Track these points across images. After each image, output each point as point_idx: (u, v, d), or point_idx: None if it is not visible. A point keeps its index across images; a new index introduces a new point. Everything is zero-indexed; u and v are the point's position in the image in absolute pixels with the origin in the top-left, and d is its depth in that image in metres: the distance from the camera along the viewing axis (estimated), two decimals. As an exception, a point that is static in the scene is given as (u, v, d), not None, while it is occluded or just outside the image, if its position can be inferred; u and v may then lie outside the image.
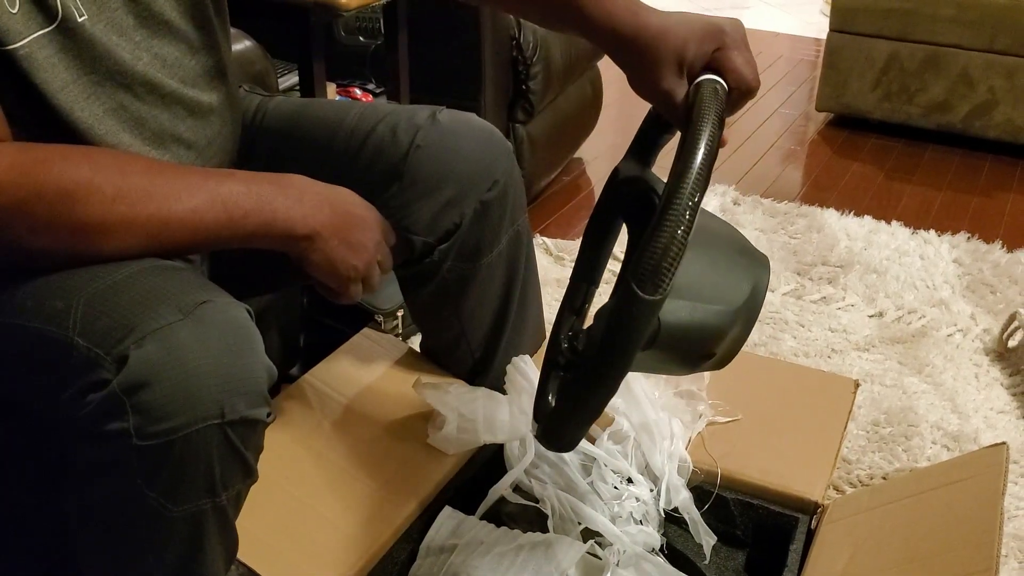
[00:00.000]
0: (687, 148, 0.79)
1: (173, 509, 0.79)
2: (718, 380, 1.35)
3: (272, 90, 1.66)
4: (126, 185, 0.81)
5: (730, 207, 2.39)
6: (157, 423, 0.74)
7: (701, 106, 0.83)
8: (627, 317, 0.78)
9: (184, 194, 0.84)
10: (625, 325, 0.78)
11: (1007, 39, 2.62)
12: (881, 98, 2.82)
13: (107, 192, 0.80)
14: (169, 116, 0.95)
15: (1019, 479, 1.49)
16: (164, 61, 0.94)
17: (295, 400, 1.26)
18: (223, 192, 0.86)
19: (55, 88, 0.85)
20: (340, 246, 0.94)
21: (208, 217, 0.85)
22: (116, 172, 0.82)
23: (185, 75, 0.97)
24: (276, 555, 1.05)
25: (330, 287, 0.98)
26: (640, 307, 0.77)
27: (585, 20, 0.93)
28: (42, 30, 0.83)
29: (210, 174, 0.89)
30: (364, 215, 0.98)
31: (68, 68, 0.86)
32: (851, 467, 1.51)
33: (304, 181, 0.93)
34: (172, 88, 0.95)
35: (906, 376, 1.74)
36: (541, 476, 1.18)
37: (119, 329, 0.75)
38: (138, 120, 0.92)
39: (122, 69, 0.90)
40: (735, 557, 1.22)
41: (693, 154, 0.77)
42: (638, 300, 0.76)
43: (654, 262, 0.75)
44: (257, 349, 0.81)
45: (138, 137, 0.92)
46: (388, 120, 1.14)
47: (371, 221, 0.99)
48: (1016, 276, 2.07)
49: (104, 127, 0.89)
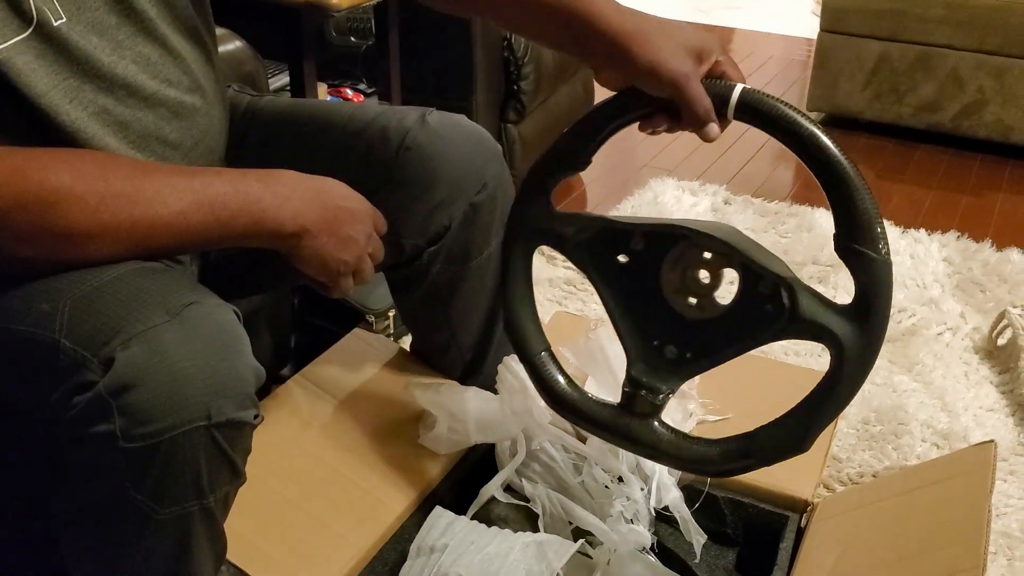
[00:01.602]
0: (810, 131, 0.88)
1: (160, 511, 0.79)
2: (708, 379, 1.35)
3: (262, 90, 1.65)
4: (109, 191, 0.81)
5: (721, 206, 2.39)
6: (143, 425, 0.74)
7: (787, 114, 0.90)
8: (885, 288, 0.85)
9: (170, 198, 0.83)
10: (882, 292, 0.85)
11: (996, 39, 2.63)
12: (871, 98, 2.83)
13: (89, 201, 0.79)
14: (153, 118, 0.94)
15: (1007, 477, 1.50)
16: (147, 61, 0.93)
17: (285, 400, 1.26)
18: (210, 194, 0.86)
19: (37, 93, 0.84)
20: (330, 241, 0.94)
21: (195, 220, 0.85)
22: (98, 178, 0.81)
23: (168, 75, 0.96)
24: (266, 556, 1.05)
25: (320, 282, 0.98)
26: (886, 269, 0.85)
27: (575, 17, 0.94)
28: (17, 36, 0.82)
29: (196, 174, 0.88)
30: (354, 207, 0.97)
31: (48, 73, 0.85)
32: (841, 465, 1.51)
33: (292, 177, 0.92)
34: (154, 89, 0.94)
35: (896, 374, 1.75)
36: (532, 476, 1.18)
37: (105, 331, 0.75)
38: (122, 123, 0.92)
39: (101, 72, 0.89)
40: (725, 555, 1.22)
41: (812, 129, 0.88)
42: (882, 262, 0.85)
43: (871, 221, 0.84)
44: (244, 350, 0.80)
45: (123, 140, 0.92)
46: (378, 121, 1.14)
47: (361, 213, 0.98)
48: (1005, 274, 2.08)
49: (90, 130, 0.89)
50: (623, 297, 0.98)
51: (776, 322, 0.91)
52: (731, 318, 0.94)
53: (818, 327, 0.89)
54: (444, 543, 1.09)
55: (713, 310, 0.96)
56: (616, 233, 0.98)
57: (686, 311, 0.97)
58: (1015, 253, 2.17)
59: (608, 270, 0.98)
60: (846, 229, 0.86)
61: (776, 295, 0.90)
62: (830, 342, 0.88)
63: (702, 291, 0.96)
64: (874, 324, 0.87)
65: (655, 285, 0.97)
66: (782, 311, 0.90)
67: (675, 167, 2.66)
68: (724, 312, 0.95)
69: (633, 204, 2.38)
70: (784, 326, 0.90)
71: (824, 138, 0.88)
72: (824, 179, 0.87)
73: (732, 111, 0.92)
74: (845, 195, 0.86)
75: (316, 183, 0.94)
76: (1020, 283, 2.04)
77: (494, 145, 1.20)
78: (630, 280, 0.98)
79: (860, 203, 0.85)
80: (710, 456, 0.96)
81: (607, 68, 0.95)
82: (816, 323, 0.89)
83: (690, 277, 0.97)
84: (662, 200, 2.39)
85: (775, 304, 0.90)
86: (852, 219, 0.86)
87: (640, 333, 0.98)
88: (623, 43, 0.91)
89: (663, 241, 0.96)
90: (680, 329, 0.97)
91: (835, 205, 0.87)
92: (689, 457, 0.98)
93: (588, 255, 0.99)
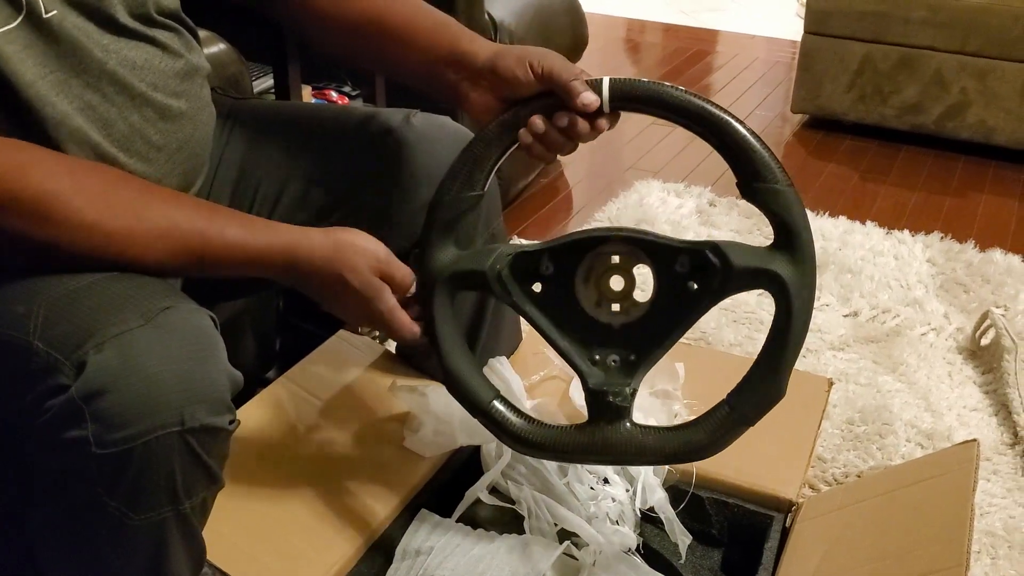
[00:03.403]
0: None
1: (134, 517, 0.78)
2: (693, 379, 1.36)
3: (247, 93, 1.65)
4: (108, 213, 0.81)
5: (706, 208, 2.40)
6: (115, 431, 0.73)
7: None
8: (798, 212, 0.90)
9: (168, 246, 0.84)
10: (798, 216, 0.90)
11: (979, 41, 2.64)
12: (855, 100, 2.84)
13: (85, 217, 0.80)
14: (139, 118, 0.94)
15: (991, 476, 1.51)
16: (133, 64, 0.93)
17: (270, 403, 1.26)
18: (208, 254, 0.86)
19: (25, 82, 0.84)
20: (347, 317, 0.96)
21: (184, 268, 0.86)
22: (99, 195, 0.81)
23: (155, 79, 0.96)
24: (251, 559, 1.04)
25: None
26: (794, 195, 0.91)
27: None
28: (8, 24, 0.82)
29: (212, 216, 0.87)
30: (360, 289, 0.93)
31: (37, 63, 0.85)
32: (826, 466, 1.52)
33: (300, 269, 0.91)
34: (141, 91, 0.94)
35: (880, 375, 1.75)
36: (517, 478, 1.18)
37: (79, 334, 0.75)
38: (107, 121, 0.91)
39: (90, 67, 0.89)
40: (711, 556, 1.23)
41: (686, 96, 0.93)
42: (789, 190, 0.91)
43: (766, 159, 0.91)
44: (219, 356, 0.80)
45: (107, 137, 0.91)
46: (363, 123, 1.14)
47: (370, 293, 0.94)
48: (988, 275, 2.09)
49: (74, 123, 0.88)
50: (550, 322, 0.96)
51: (708, 290, 0.92)
52: (658, 308, 0.95)
53: (752, 271, 0.91)
54: (430, 546, 1.09)
55: (639, 310, 0.95)
56: (527, 260, 0.96)
57: (613, 320, 0.96)
58: (998, 254, 2.18)
59: (530, 298, 0.97)
60: (748, 172, 0.92)
61: (698, 267, 0.92)
62: (769, 281, 0.91)
63: (620, 296, 0.96)
64: (803, 248, 0.91)
65: (575, 303, 0.96)
66: (715, 273, 0.91)
67: (660, 169, 2.66)
68: (649, 308, 0.95)
69: (618, 206, 2.38)
70: (720, 286, 0.92)
71: (698, 100, 0.93)
72: (713, 136, 0.93)
73: (607, 102, 0.94)
74: (737, 142, 0.92)
75: (321, 271, 0.92)
76: (1003, 283, 2.05)
77: None
78: (551, 305, 0.96)
79: (753, 146, 0.92)
80: (697, 439, 0.95)
81: (478, 88, 1.00)
82: (750, 268, 0.91)
83: (604, 287, 0.96)
84: (647, 202, 2.39)
85: (701, 274, 0.92)
86: (749, 162, 0.92)
87: (579, 351, 0.97)
88: (496, 55, 0.99)
89: (569, 258, 0.96)
90: (614, 338, 0.96)
91: (729, 155, 0.92)
92: (676, 448, 0.96)
93: (508, 287, 0.96)
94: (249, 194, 1.14)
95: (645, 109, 0.94)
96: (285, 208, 1.14)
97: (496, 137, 0.97)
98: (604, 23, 3.97)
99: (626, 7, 4.20)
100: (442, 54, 1.03)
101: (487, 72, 0.99)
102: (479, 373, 1.00)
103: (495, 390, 1.00)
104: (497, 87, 0.99)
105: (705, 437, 0.95)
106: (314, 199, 1.13)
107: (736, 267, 0.91)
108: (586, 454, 0.97)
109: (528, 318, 0.97)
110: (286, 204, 1.14)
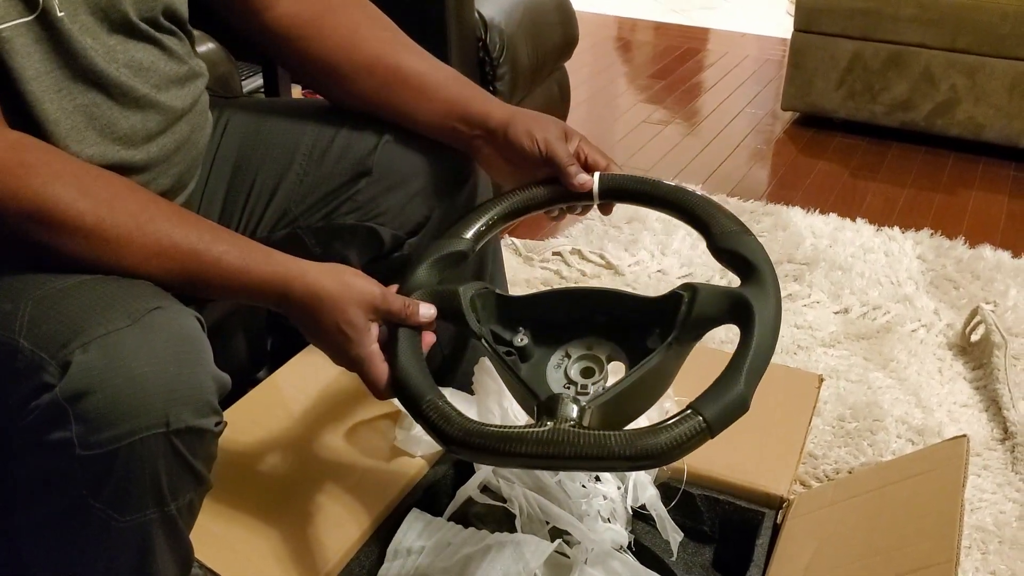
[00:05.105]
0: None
1: (120, 519, 0.78)
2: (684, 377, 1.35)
3: (236, 92, 1.65)
4: (111, 222, 0.81)
5: (697, 206, 2.40)
6: (100, 432, 0.73)
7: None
8: (755, 246, 0.94)
9: (163, 264, 0.83)
10: (758, 251, 0.93)
11: (968, 38, 2.65)
12: (845, 97, 2.85)
13: (85, 223, 0.80)
14: (141, 118, 0.95)
15: (981, 471, 1.51)
16: (139, 66, 0.94)
17: (260, 402, 1.26)
18: (201, 278, 0.86)
19: (28, 76, 0.85)
20: (327, 353, 0.95)
21: (177, 287, 0.85)
22: (103, 203, 0.81)
23: (159, 80, 0.97)
24: (242, 558, 1.04)
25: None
26: (752, 237, 0.96)
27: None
28: (22, 19, 0.83)
29: (215, 239, 0.87)
30: (349, 335, 0.91)
31: (42, 59, 0.86)
32: (817, 462, 1.52)
33: (292, 303, 0.90)
34: (144, 92, 0.95)
35: (871, 371, 1.76)
36: (509, 476, 1.18)
37: (65, 333, 0.74)
38: (107, 121, 0.92)
39: (95, 70, 0.89)
40: (702, 552, 1.23)
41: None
42: (747, 233, 0.95)
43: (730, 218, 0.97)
44: (205, 358, 0.79)
45: (107, 136, 0.92)
46: (355, 117, 1.14)
47: (346, 334, 0.91)
48: (978, 271, 2.10)
49: (70, 122, 0.88)
50: (514, 379, 0.94)
51: (678, 340, 0.93)
52: (630, 385, 0.90)
53: (729, 303, 0.90)
54: (421, 545, 1.09)
55: (608, 393, 0.89)
56: (507, 319, 0.97)
57: (578, 395, 0.93)
58: (987, 250, 2.19)
59: (502, 351, 0.95)
60: (716, 234, 0.97)
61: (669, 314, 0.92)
62: (738, 312, 0.89)
63: (590, 383, 0.94)
64: (765, 275, 0.91)
65: (543, 380, 0.95)
66: (676, 321, 0.92)
67: (651, 167, 2.67)
68: (620, 388, 0.89)
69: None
70: (680, 332, 0.92)
71: (685, 193, 1.01)
72: (694, 222, 0.99)
73: (597, 197, 1.05)
74: (707, 213, 0.99)
75: (317, 322, 0.91)
76: (993, 280, 2.06)
77: None
78: (519, 368, 0.95)
79: (720, 215, 0.98)
80: (658, 445, 0.83)
81: (490, 146, 1.09)
82: (728, 299, 0.90)
83: (575, 375, 0.95)
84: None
85: (667, 331, 0.93)
86: (716, 226, 0.97)
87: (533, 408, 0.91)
88: (508, 123, 1.07)
89: (545, 344, 0.96)
90: (578, 409, 0.87)
91: (700, 227, 0.98)
92: (640, 452, 0.83)
93: (480, 321, 0.96)
94: (244, 189, 1.14)
95: (631, 200, 1.05)
96: (281, 200, 1.14)
97: (506, 211, 1.06)
98: (595, 21, 3.97)
99: (617, 5, 4.20)
100: (456, 110, 1.09)
101: (499, 136, 1.07)
102: (423, 372, 0.92)
103: (436, 390, 0.90)
104: (506, 151, 1.07)
105: (666, 447, 0.84)
106: (310, 190, 1.14)
107: (699, 314, 0.92)
108: (536, 459, 0.83)
109: (491, 361, 0.98)
110: (282, 197, 1.14)
